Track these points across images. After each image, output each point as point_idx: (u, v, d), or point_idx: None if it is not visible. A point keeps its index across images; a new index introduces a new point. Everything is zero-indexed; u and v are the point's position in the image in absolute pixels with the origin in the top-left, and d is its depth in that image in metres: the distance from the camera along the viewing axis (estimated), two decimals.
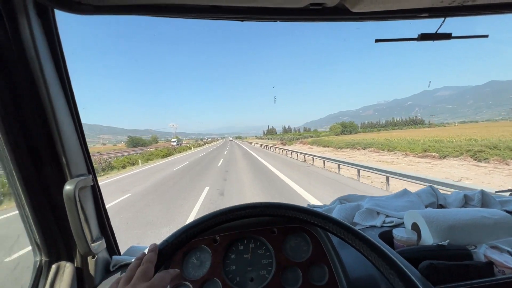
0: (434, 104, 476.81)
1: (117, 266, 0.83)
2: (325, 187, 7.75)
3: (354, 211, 0.98)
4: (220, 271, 0.69)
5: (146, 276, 0.40)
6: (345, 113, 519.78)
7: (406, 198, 1.05)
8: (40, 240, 0.68)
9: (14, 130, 0.60)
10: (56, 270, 0.70)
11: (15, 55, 0.58)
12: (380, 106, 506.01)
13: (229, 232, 0.74)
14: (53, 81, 0.64)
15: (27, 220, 0.67)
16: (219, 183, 8.89)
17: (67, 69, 0.68)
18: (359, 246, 0.49)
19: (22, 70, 0.59)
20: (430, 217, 0.75)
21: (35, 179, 0.65)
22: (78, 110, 0.73)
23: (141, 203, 6.78)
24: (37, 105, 0.62)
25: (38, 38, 0.59)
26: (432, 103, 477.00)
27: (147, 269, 0.41)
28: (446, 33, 0.87)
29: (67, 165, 0.67)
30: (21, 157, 0.62)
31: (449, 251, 0.67)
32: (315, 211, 0.53)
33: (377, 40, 0.89)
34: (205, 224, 0.51)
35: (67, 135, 0.67)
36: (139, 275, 0.40)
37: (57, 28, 0.64)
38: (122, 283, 0.40)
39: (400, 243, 0.75)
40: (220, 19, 0.72)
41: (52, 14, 0.62)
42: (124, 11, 0.63)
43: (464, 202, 1.03)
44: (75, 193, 0.65)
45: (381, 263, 0.46)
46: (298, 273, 0.71)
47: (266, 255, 0.73)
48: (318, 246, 0.75)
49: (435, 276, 0.59)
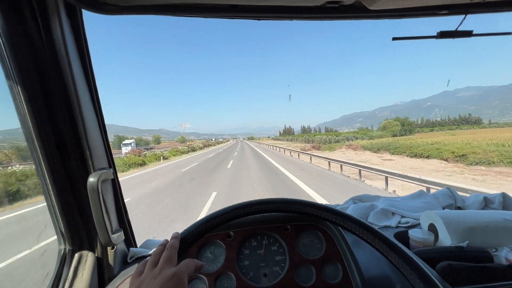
0: (455, 105, 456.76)
1: (134, 258, 0.86)
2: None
3: (368, 211, 0.97)
4: (234, 265, 0.70)
5: (171, 261, 0.42)
6: (360, 114, 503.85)
7: (422, 199, 1.03)
8: (65, 229, 0.72)
9: (44, 125, 0.64)
10: (78, 259, 0.73)
11: (47, 53, 0.61)
12: (397, 107, 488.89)
13: (243, 228, 0.75)
14: (80, 79, 0.67)
15: (53, 210, 0.71)
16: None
17: (92, 67, 0.72)
18: (378, 245, 0.49)
19: (53, 67, 0.63)
20: (448, 218, 0.74)
21: (61, 171, 0.69)
22: (101, 107, 0.76)
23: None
24: (65, 101, 0.65)
25: (68, 37, 0.62)
26: (453, 104, 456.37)
27: (171, 255, 0.43)
28: (467, 30, 0.85)
29: (90, 158, 0.70)
30: (49, 150, 0.66)
31: (468, 253, 0.65)
32: (335, 209, 0.53)
33: (394, 38, 0.87)
34: (224, 216, 0.52)
35: (91, 130, 0.71)
36: (164, 259, 0.41)
37: (84, 28, 0.67)
38: (149, 266, 0.41)
39: (416, 243, 0.74)
40: (237, 18, 0.74)
41: (80, 14, 0.65)
42: (147, 11, 0.65)
43: (484, 204, 1.00)
44: (98, 185, 0.68)
45: (401, 263, 0.45)
46: (311, 270, 0.71)
47: (279, 252, 0.74)
48: (332, 244, 0.74)
49: (453, 277, 0.58)
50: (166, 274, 0.38)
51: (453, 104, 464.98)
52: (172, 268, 0.40)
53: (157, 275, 0.39)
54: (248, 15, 0.72)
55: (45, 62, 0.62)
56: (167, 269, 0.40)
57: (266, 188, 8.13)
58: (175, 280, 0.38)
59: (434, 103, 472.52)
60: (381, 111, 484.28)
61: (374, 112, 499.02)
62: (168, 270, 0.39)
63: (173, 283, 0.37)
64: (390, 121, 69.33)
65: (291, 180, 9.49)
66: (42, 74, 0.62)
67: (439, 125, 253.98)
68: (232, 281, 0.68)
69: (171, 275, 0.38)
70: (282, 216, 0.77)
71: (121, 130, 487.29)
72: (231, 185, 8.91)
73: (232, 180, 10.10)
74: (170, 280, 0.38)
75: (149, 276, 0.39)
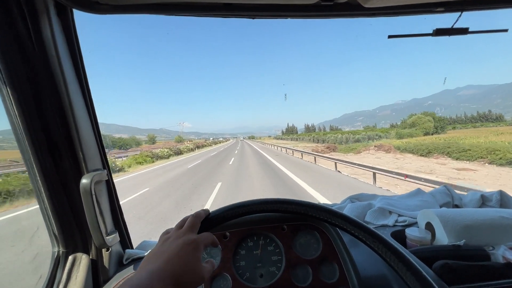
0: (457, 104, 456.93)
1: (130, 259, 0.85)
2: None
3: (365, 210, 0.96)
4: (230, 266, 0.70)
5: (194, 228, 0.47)
6: (361, 113, 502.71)
7: (419, 197, 1.03)
8: (58, 232, 0.71)
9: (35, 125, 0.63)
10: (72, 261, 0.72)
11: (37, 53, 0.60)
12: (398, 106, 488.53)
13: (239, 228, 0.75)
14: (72, 79, 0.66)
15: (46, 212, 0.70)
16: None
17: (84, 67, 0.71)
18: (374, 245, 0.48)
19: (43, 67, 0.62)
20: (445, 217, 0.73)
21: (53, 173, 0.68)
22: (94, 107, 0.75)
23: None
24: (56, 102, 0.65)
25: (58, 37, 0.61)
26: (455, 102, 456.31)
27: (195, 222, 0.48)
28: (463, 27, 0.85)
29: (83, 159, 0.70)
30: (41, 152, 0.65)
31: (465, 251, 0.65)
32: (331, 209, 0.53)
33: (390, 36, 0.87)
34: (248, 208, 0.56)
35: (84, 131, 0.70)
36: (189, 225, 0.47)
37: (75, 27, 0.66)
38: (176, 227, 0.47)
39: (413, 242, 0.74)
40: (231, 17, 0.73)
41: (71, 13, 0.64)
42: (140, 10, 0.65)
43: (481, 202, 1.00)
44: (91, 186, 0.67)
45: (397, 263, 0.45)
46: (308, 270, 0.70)
47: (275, 252, 0.73)
48: (329, 244, 0.74)
49: (450, 276, 0.58)
50: (188, 238, 0.43)
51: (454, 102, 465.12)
52: (194, 234, 0.45)
53: (181, 236, 0.44)
54: (242, 14, 0.72)
55: (35, 63, 0.61)
56: (190, 234, 0.45)
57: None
58: (194, 245, 0.43)
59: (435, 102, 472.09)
60: (381, 110, 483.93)
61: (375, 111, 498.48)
62: (190, 235, 0.44)
63: (192, 247, 0.42)
64: (420, 116, 52.59)
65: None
66: (32, 75, 0.62)
67: (459, 122, 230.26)
68: (228, 282, 0.68)
69: (192, 240, 0.43)
70: (278, 216, 0.77)
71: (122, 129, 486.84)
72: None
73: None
74: (190, 244, 0.42)
75: (174, 235, 0.44)
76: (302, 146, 41.16)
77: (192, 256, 0.42)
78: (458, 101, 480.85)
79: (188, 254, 0.41)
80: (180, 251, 0.41)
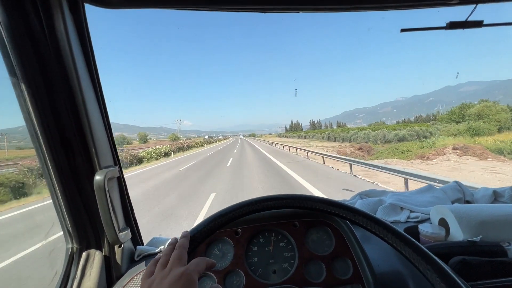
0: (458, 100, 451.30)
1: (141, 256, 0.86)
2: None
3: (376, 206, 0.96)
4: (243, 262, 0.69)
5: (181, 261, 0.42)
6: (361, 110, 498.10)
7: (430, 193, 1.02)
8: (72, 228, 0.71)
9: (49, 122, 0.63)
10: (86, 258, 0.72)
11: (50, 49, 0.60)
12: (398, 102, 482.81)
13: (250, 224, 0.74)
14: (84, 75, 0.66)
15: (60, 209, 0.70)
16: None
17: (96, 63, 0.70)
18: (392, 241, 0.48)
19: (57, 63, 0.61)
20: (460, 212, 0.72)
21: (67, 169, 0.68)
22: (105, 104, 0.75)
23: None
24: (69, 99, 0.64)
25: (71, 32, 0.61)
26: (456, 99, 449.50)
27: (181, 254, 0.43)
28: (477, 20, 0.83)
29: (96, 156, 0.69)
30: (55, 148, 0.65)
31: (481, 247, 0.64)
32: (347, 205, 0.52)
33: (402, 30, 0.85)
34: (232, 213, 0.51)
35: (96, 128, 0.70)
36: (174, 259, 0.42)
37: (87, 22, 0.65)
38: (159, 267, 0.41)
39: (427, 238, 0.73)
40: (242, 11, 0.72)
41: (83, 8, 0.63)
42: (148, 4, 0.64)
43: (493, 198, 0.99)
44: (105, 183, 0.67)
45: (417, 258, 0.44)
46: (321, 267, 0.70)
47: (288, 248, 0.73)
48: (341, 240, 0.73)
49: (468, 272, 0.57)
50: (175, 274, 0.38)
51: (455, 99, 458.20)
52: (181, 267, 0.40)
53: (166, 275, 0.39)
54: (254, 7, 0.70)
55: (48, 59, 0.61)
56: (177, 268, 0.40)
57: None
58: (184, 279, 0.38)
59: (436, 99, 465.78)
60: (382, 107, 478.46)
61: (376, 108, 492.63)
62: (177, 270, 0.39)
63: (183, 282, 0.37)
64: (489, 105, 33.27)
65: None
66: (46, 71, 0.61)
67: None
68: (241, 278, 0.68)
69: (180, 275, 0.38)
70: (290, 212, 0.76)
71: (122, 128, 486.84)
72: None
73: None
74: (179, 280, 0.38)
75: (159, 276, 0.39)
76: (317, 146, 32.72)
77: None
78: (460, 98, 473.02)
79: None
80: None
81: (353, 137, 42.65)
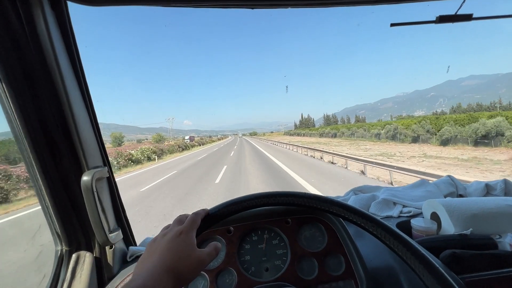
0: (460, 95, 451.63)
1: (134, 256, 0.85)
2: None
3: (369, 201, 0.96)
4: (235, 261, 0.69)
5: (194, 225, 0.44)
6: (362, 106, 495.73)
7: (423, 188, 1.02)
8: (60, 230, 0.70)
9: (33, 123, 0.62)
10: (76, 260, 0.71)
11: (31, 48, 0.59)
12: (399, 98, 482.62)
13: (243, 223, 0.74)
14: (68, 74, 0.65)
15: (47, 211, 0.69)
16: None
17: (81, 62, 0.69)
18: (383, 237, 0.47)
19: (39, 63, 0.60)
20: (451, 206, 0.73)
21: (54, 171, 0.67)
22: (92, 103, 0.74)
23: None
24: (54, 98, 0.63)
25: (52, 31, 0.59)
26: (458, 93, 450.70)
27: (195, 219, 0.45)
28: (467, 14, 0.83)
29: (83, 156, 0.68)
30: (40, 149, 0.64)
31: (472, 241, 0.64)
32: (340, 202, 0.52)
33: (392, 24, 0.85)
34: (241, 204, 0.53)
35: (82, 127, 0.68)
36: (189, 221, 0.44)
37: (70, 20, 0.64)
38: (163, 230, 0.45)
39: (419, 233, 0.73)
40: (229, 7, 0.71)
41: (66, 6, 0.62)
42: (134, 1, 0.63)
43: (486, 191, 1.00)
44: (93, 183, 0.66)
45: (408, 255, 0.44)
46: (314, 263, 0.70)
47: (280, 246, 0.73)
48: (334, 236, 0.73)
49: (458, 265, 0.57)
50: (174, 231, 0.42)
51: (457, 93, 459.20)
52: (180, 226, 0.43)
53: (167, 233, 0.42)
54: (241, 4, 0.69)
55: (30, 58, 0.59)
56: (176, 227, 0.43)
57: None
58: (184, 236, 0.41)
59: (438, 93, 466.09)
60: (383, 102, 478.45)
61: (377, 104, 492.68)
62: (176, 228, 0.42)
63: (181, 239, 0.40)
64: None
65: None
66: (28, 70, 0.60)
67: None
68: (233, 277, 0.67)
69: (179, 232, 0.41)
70: (282, 210, 0.76)
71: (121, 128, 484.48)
72: None
73: None
74: (178, 237, 0.40)
75: (160, 235, 0.43)
76: (367, 153, 18.46)
77: (184, 245, 0.40)
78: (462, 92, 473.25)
79: (179, 244, 0.40)
80: (169, 243, 0.40)
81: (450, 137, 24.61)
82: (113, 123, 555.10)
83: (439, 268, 0.41)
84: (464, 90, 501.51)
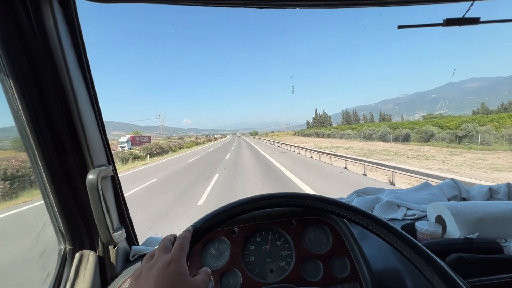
0: (461, 97, 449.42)
1: (137, 256, 0.85)
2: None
3: (373, 204, 0.95)
4: (240, 262, 0.69)
5: (184, 250, 0.40)
6: (363, 107, 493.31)
7: (427, 191, 1.02)
8: (64, 228, 0.70)
9: (39, 120, 0.61)
10: (79, 258, 0.71)
11: (40, 45, 0.58)
12: (400, 99, 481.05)
13: (247, 223, 0.74)
14: (76, 72, 0.64)
15: (52, 209, 0.68)
16: None
17: (88, 59, 0.68)
18: (390, 239, 0.47)
19: (46, 60, 0.59)
20: (456, 210, 0.72)
21: (59, 169, 0.66)
22: (98, 101, 0.73)
23: None
24: (61, 96, 0.62)
25: (61, 27, 0.59)
26: (459, 96, 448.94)
27: (183, 244, 0.41)
28: (474, 17, 0.82)
29: (89, 155, 0.68)
30: (46, 147, 0.63)
31: (477, 245, 0.64)
32: (346, 204, 0.51)
33: (399, 26, 0.85)
34: (231, 211, 0.50)
35: (89, 126, 0.68)
36: (177, 247, 0.39)
37: (78, 17, 0.63)
38: (146, 258, 0.40)
39: (424, 236, 0.73)
40: (238, 6, 0.71)
41: (73, 2, 0.62)
42: None
43: (489, 195, 0.99)
44: (98, 182, 0.66)
45: (415, 256, 0.44)
46: (318, 265, 0.69)
47: (285, 247, 0.72)
48: (339, 238, 0.73)
49: (464, 269, 0.57)
50: (162, 261, 0.37)
51: (458, 96, 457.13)
52: (168, 255, 0.38)
53: (153, 264, 0.37)
54: (249, 3, 0.69)
55: (38, 55, 0.59)
56: (163, 256, 0.38)
57: None
58: (174, 265, 0.36)
59: (438, 95, 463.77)
60: (384, 104, 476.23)
61: (377, 105, 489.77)
62: (164, 257, 0.37)
63: (171, 269, 0.36)
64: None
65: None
66: (36, 67, 0.59)
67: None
68: (238, 278, 0.67)
69: (168, 262, 0.36)
70: (287, 211, 0.75)
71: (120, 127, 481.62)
72: None
73: None
74: (167, 268, 0.36)
75: (146, 267, 0.37)
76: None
77: (176, 277, 0.35)
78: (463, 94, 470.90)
79: (170, 276, 0.35)
80: (158, 277, 0.35)
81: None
82: (111, 121, 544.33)
83: (448, 271, 0.41)
84: (465, 92, 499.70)
